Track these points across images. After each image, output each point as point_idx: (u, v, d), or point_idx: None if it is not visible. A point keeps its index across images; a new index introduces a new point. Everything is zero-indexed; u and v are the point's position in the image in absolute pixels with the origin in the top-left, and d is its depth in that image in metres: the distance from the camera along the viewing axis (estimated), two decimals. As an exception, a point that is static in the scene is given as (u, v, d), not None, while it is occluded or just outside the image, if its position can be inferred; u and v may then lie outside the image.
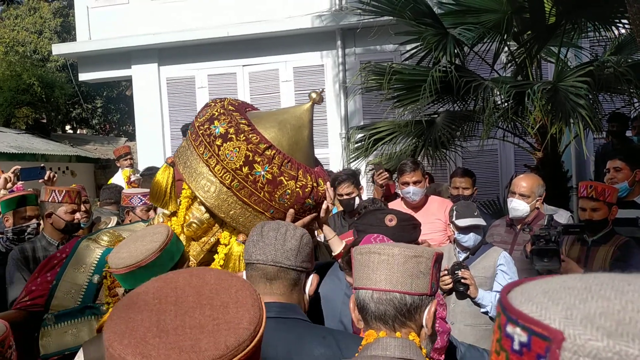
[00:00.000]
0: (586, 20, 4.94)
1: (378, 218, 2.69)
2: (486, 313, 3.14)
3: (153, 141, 8.24)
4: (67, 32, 17.39)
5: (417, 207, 4.09)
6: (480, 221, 3.27)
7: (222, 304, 0.87)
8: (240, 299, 0.88)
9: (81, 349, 1.87)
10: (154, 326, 0.81)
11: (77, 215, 3.36)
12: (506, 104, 4.81)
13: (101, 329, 1.89)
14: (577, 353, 0.51)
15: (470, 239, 3.25)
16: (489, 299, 3.11)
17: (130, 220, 3.56)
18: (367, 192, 5.89)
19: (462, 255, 3.33)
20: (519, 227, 3.66)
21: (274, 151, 2.06)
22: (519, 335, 0.56)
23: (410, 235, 2.67)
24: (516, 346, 0.56)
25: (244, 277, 1.60)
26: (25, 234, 3.32)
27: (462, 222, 3.23)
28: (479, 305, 3.13)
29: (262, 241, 1.58)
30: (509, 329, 0.57)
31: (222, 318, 0.84)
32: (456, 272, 3.11)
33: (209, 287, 0.90)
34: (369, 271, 1.31)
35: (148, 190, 3.78)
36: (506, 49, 5.25)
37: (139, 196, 3.68)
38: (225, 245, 2.18)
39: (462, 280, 3.08)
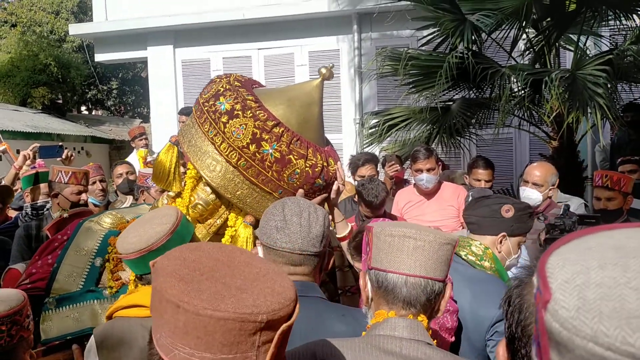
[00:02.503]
0: (607, 8, 4.84)
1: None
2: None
3: (167, 123, 8.26)
4: (83, 13, 17.43)
5: (430, 193, 4.08)
6: None
7: (259, 271, 0.90)
8: (271, 271, 0.92)
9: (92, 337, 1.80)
10: (224, 290, 0.84)
11: (83, 196, 3.35)
12: (523, 92, 4.76)
13: (111, 316, 1.79)
14: (554, 317, 0.53)
15: None
16: None
17: (144, 200, 3.57)
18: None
19: (475, 242, 3.31)
20: (531, 215, 3.64)
21: (282, 128, 1.97)
22: (536, 281, 0.60)
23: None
24: (535, 289, 0.60)
25: (260, 253, 1.61)
26: (44, 209, 3.37)
27: None
28: None
29: (287, 228, 1.53)
30: (535, 274, 0.61)
31: (266, 277, 0.89)
32: None
33: (239, 260, 0.93)
34: (403, 256, 1.29)
35: None
36: (524, 36, 5.18)
37: None
38: (231, 227, 2.08)
39: None
